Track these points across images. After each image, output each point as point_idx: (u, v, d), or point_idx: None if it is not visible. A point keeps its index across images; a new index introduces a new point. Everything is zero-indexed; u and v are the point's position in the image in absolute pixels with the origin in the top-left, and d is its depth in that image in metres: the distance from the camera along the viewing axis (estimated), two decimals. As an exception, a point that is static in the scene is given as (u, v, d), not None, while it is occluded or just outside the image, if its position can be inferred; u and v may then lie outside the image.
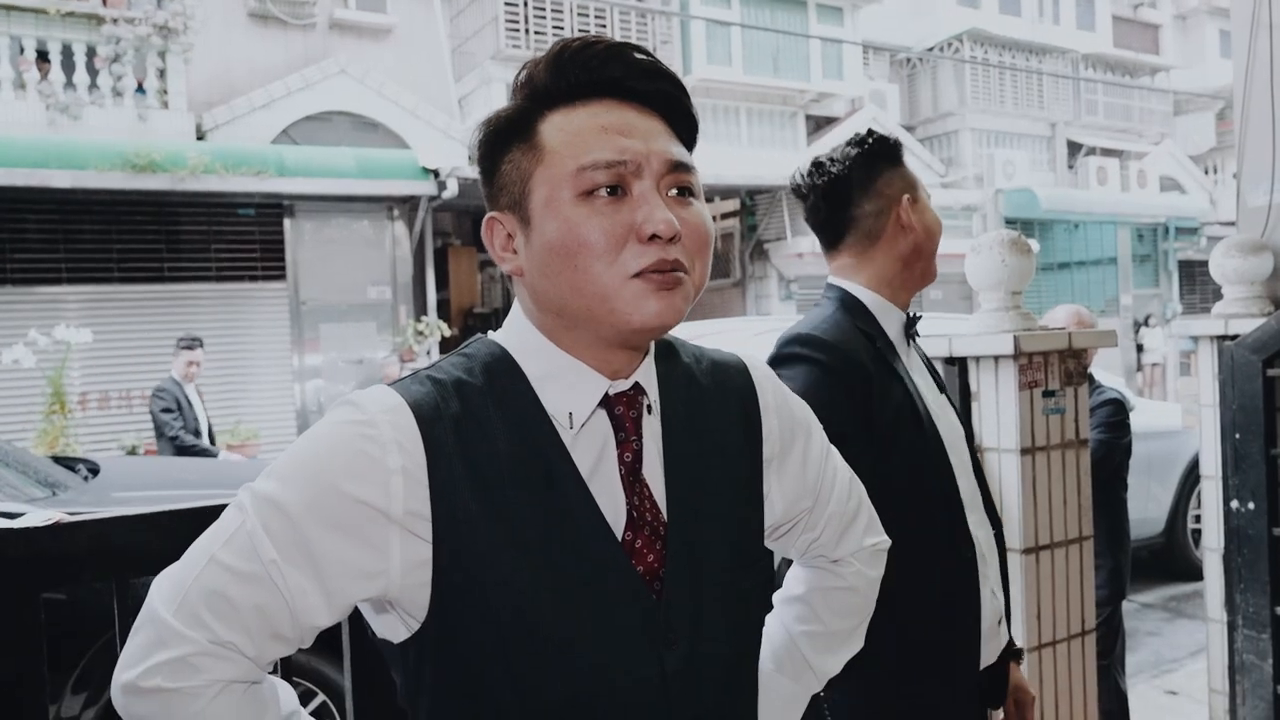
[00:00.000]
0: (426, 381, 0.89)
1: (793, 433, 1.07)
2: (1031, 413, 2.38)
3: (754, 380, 1.05)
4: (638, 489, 0.91)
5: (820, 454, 1.11)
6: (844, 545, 1.15)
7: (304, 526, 0.82)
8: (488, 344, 0.94)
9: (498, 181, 0.91)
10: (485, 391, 0.89)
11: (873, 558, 1.18)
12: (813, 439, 1.10)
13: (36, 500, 3.06)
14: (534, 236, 0.88)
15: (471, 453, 0.86)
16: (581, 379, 0.90)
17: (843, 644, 1.18)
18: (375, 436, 0.83)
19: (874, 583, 1.19)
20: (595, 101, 0.88)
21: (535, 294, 0.90)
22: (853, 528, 1.15)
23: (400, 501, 0.83)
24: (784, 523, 1.09)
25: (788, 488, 1.06)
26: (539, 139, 0.88)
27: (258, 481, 0.86)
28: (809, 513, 1.10)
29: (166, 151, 8.91)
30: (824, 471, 1.11)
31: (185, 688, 0.82)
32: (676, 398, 0.97)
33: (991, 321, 2.46)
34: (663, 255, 0.85)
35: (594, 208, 0.85)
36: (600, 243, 0.85)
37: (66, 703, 2.50)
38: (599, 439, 0.91)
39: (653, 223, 0.85)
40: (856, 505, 1.15)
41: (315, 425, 0.88)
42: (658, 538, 0.91)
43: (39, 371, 7.93)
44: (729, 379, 1.03)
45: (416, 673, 0.89)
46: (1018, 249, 2.40)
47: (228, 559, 0.83)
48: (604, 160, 0.85)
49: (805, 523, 1.11)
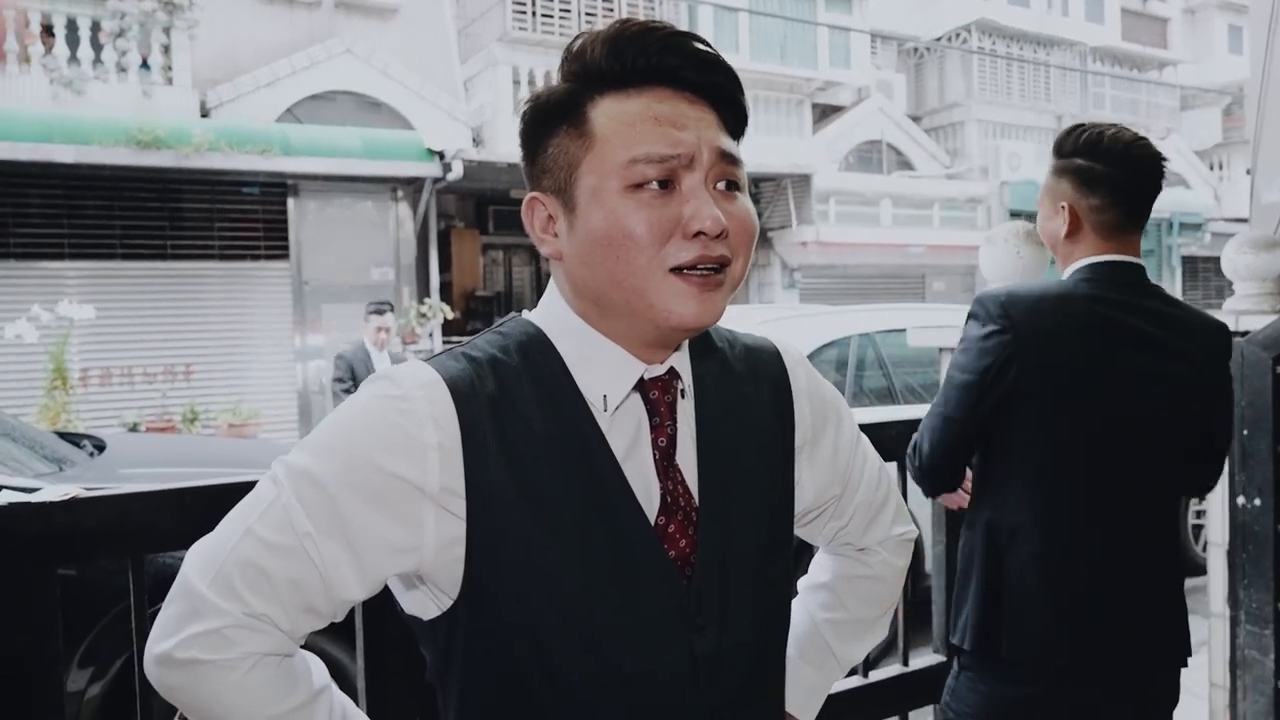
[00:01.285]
0: (462, 359, 0.89)
1: (824, 419, 1.07)
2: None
3: (786, 365, 1.05)
4: (671, 474, 0.91)
5: (851, 441, 1.11)
6: (871, 533, 1.15)
7: (339, 499, 0.82)
8: (522, 323, 0.94)
9: (542, 163, 0.90)
10: (520, 370, 0.89)
11: (899, 547, 1.18)
12: (843, 425, 1.10)
13: (44, 476, 3.06)
14: (577, 224, 0.87)
15: (507, 431, 0.86)
16: (617, 362, 0.90)
17: (867, 632, 1.19)
18: (411, 411, 0.84)
19: (900, 572, 1.19)
20: (649, 89, 0.87)
21: (574, 280, 0.90)
22: (881, 516, 1.15)
23: (435, 477, 0.83)
24: (813, 509, 1.09)
25: (818, 474, 1.07)
26: (589, 125, 0.87)
27: (291, 454, 0.86)
28: (837, 500, 1.11)
29: (170, 128, 8.89)
30: (854, 459, 1.11)
31: (220, 660, 0.82)
32: (710, 383, 0.98)
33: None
34: (706, 251, 0.85)
35: (641, 200, 0.84)
36: (645, 236, 0.84)
37: (73, 677, 2.51)
38: (633, 423, 0.91)
39: (700, 219, 0.84)
40: (885, 493, 1.16)
41: (349, 399, 0.88)
42: (690, 523, 0.91)
43: (41, 347, 7.92)
44: (762, 364, 1.03)
45: (446, 650, 0.90)
46: (1033, 241, 2.40)
47: (263, 531, 0.83)
48: (657, 154, 0.84)
49: (833, 510, 1.11)
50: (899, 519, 1.18)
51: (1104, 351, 1.62)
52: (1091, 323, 1.63)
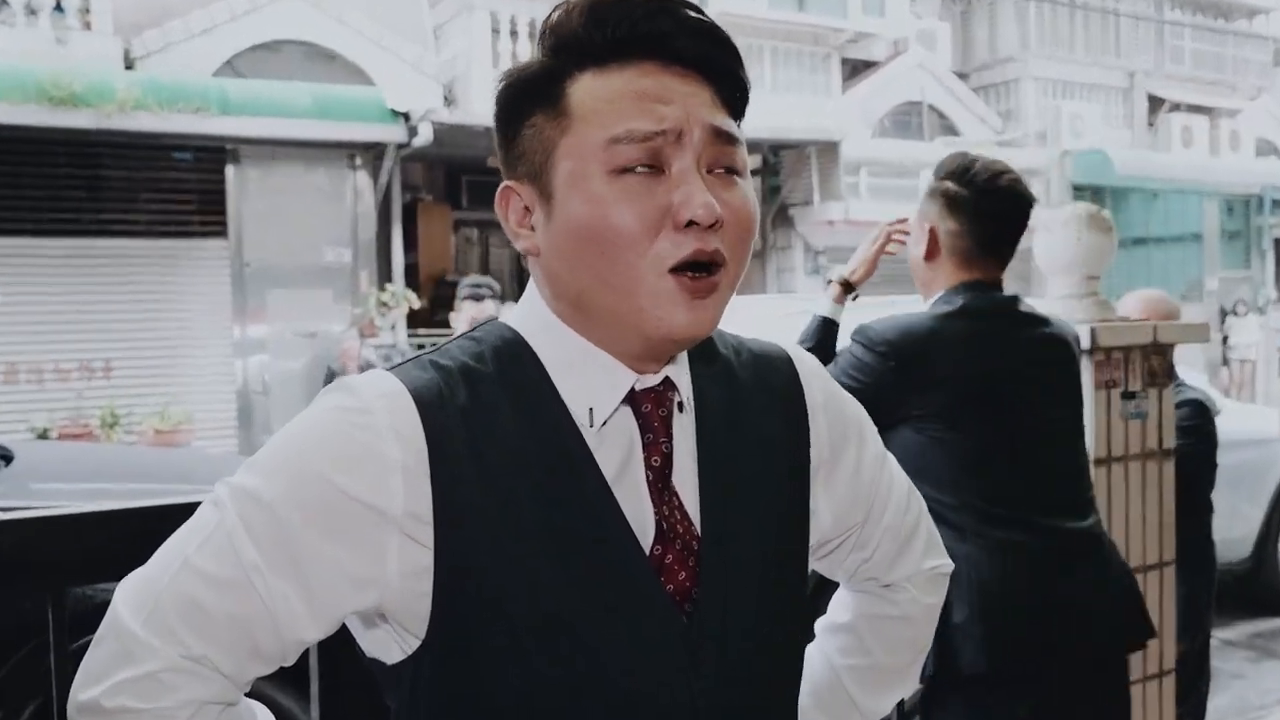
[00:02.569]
0: (429, 367, 0.91)
1: (844, 435, 1.09)
2: (1108, 417, 2.41)
3: (800, 375, 1.06)
4: (667, 498, 0.93)
5: (875, 460, 1.12)
6: (899, 567, 1.16)
7: (290, 525, 0.84)
8: (499, 327, 0.96)
9: (517, 147, 0.92)
10: (496, 380, 0.91)
11: (931, 582, 1.19)
12: (866, 443, 1.12)
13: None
14: (555, 215, 0.89)
15: (481, 448, 0.87)
16: (604, 371, 0.92)
17: (894, 682, 1.20)
18: (371, 425, 0.85)
19: (932, 611, 1.20)
20: (633, 64, 0.89)
21: (552, 279, 0.92)
22: (910, 547, 1.16)
23: (399, 500, 0.85)
24: (831, 539, 1.10)
25: (837, 499, 1.08)
26: (566, 104, 0.89)
27: (237, 475, 0.87)
28: (860, 528, 1.12)
29: (89, 82, 8.87)
30: (878, 480, 1.12)
31: (155, 709, 0.84)
32: (712, 394, 0.99)
33: (1063, 310, 2.48)
34: (700, 245, 0.87)
35: (626, 186, 0.86)
36: (633, 228, 0.86)
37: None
38: (623, 440, 0.93)
39: (690, 206, 0.86)
40: (915, 521, 1.17)
41: (302, 413, 0.90)
42: (690, 553, 0.92)
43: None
44: (772, 373, 1.05)
45: (412, 700, 0.91)
46: (1097, 225, 2.42)
47: (204, 563, 0.85)
48: (640, 131, 0.86)
49: (855, 539, 1.13)
50: (930, 550, 1.19)
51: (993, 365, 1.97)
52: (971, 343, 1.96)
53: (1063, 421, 2.02)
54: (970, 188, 1.99)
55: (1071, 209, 2.46)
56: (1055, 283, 2.53)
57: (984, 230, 2.00)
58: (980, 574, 1.86)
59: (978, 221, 1.99)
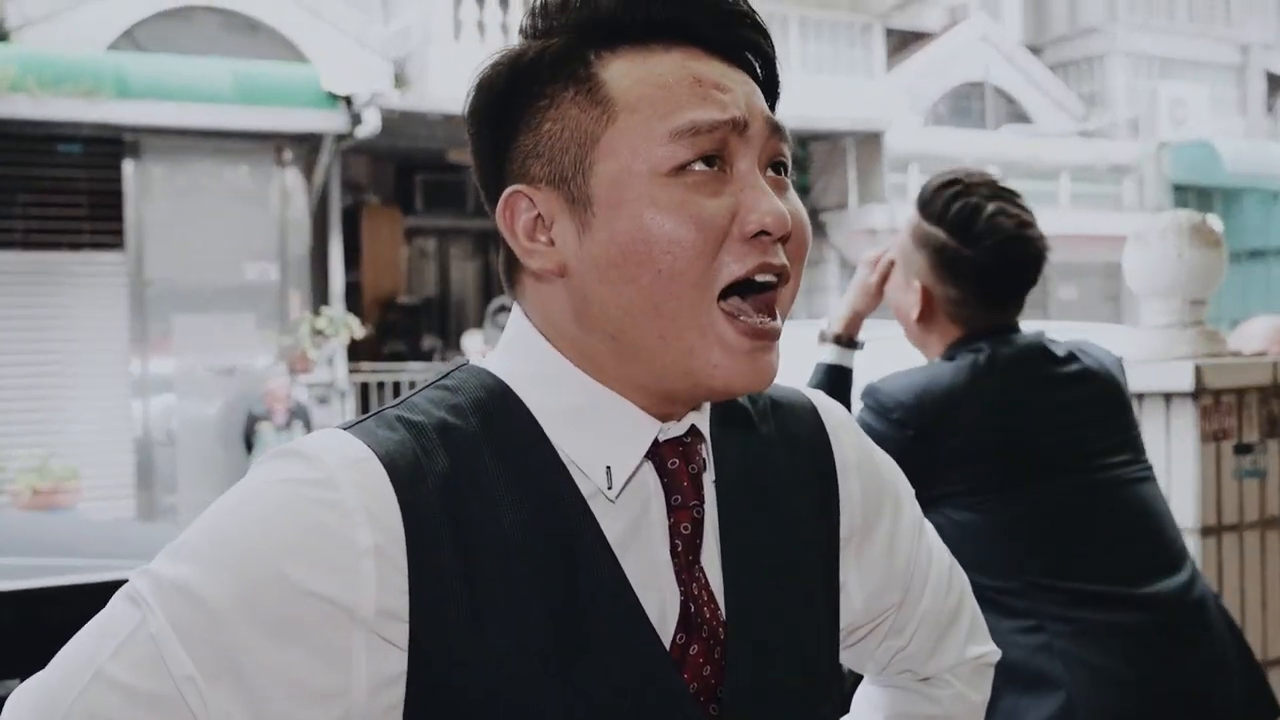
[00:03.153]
0: (398, 425, 0.91)
1: (879, 501, 1.10)
2: (1218, 476, 2.41)
3: (827, 428, 1.08)
4: (696, 574, 0.94)
5: (912, 531, 1.14)
6: (940, 657, 1.18)
7: (233, 629, 0.83)
8: (477, 373, 0.97)
9: (531, 144, 0.93)
10: (480, 439, 0.91)
11: (977, 674, 1.21)
12: (902, 508, 1.13)
13: None
14: (597, 225, 0.90)
15: (466, 528, 0.88)
16: (622, 421, 0.93)
17: None
18: (337, 504, 0.85)
19: (977, 711, 1.21)
20: (675, 47, 0.92)
21: (588, 305, 0.92)
22: (952, 633, 1.18)
23: (371, 594, 0.84)
24: (863, 623, 1.12)
25: (869, 576, 1.10)
26: (607, 90, 0.90)
27: (160, 562, 0.87)
28: (896, 610, 1.13)
29: (-46, 59, 8.93)
30: (916, 553, 1.14)
31: None
32: (732, 452, 1.00)
33: (1160, 342, 2.49)
34: (767, 259, 0.89)
35: (689, 188, 0.88)
36: (697, 240, 0.87)
37: None
38: (642, 505, 0.94)
39: (759, 213, 0.88)
40: (957, 602, 1.19)
41: (244, 483, 0.90)
42: (716, 642, 0.94)
43: None
44: (796, 425, 1.07)
45: None
46: (1202, 238, 2.43)
47: (121, 673, 0.84)
48: (706, 121, 0.88)
49: (890, 624, 1.14)
50: (975, 636, 1.21)
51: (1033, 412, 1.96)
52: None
53: (1124, 465, 2.01)
54: (975, 247, 1.95)
55: (1170, 218, 2.47)
56: (1151, 308, 2.54)
57: (992, 292, 1.99)
58: (1069, 669, 1.84)
59: (983, 285, 1.97)
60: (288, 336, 10.44)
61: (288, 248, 10.74)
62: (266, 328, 10.65)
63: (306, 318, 10.37)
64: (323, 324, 10.31)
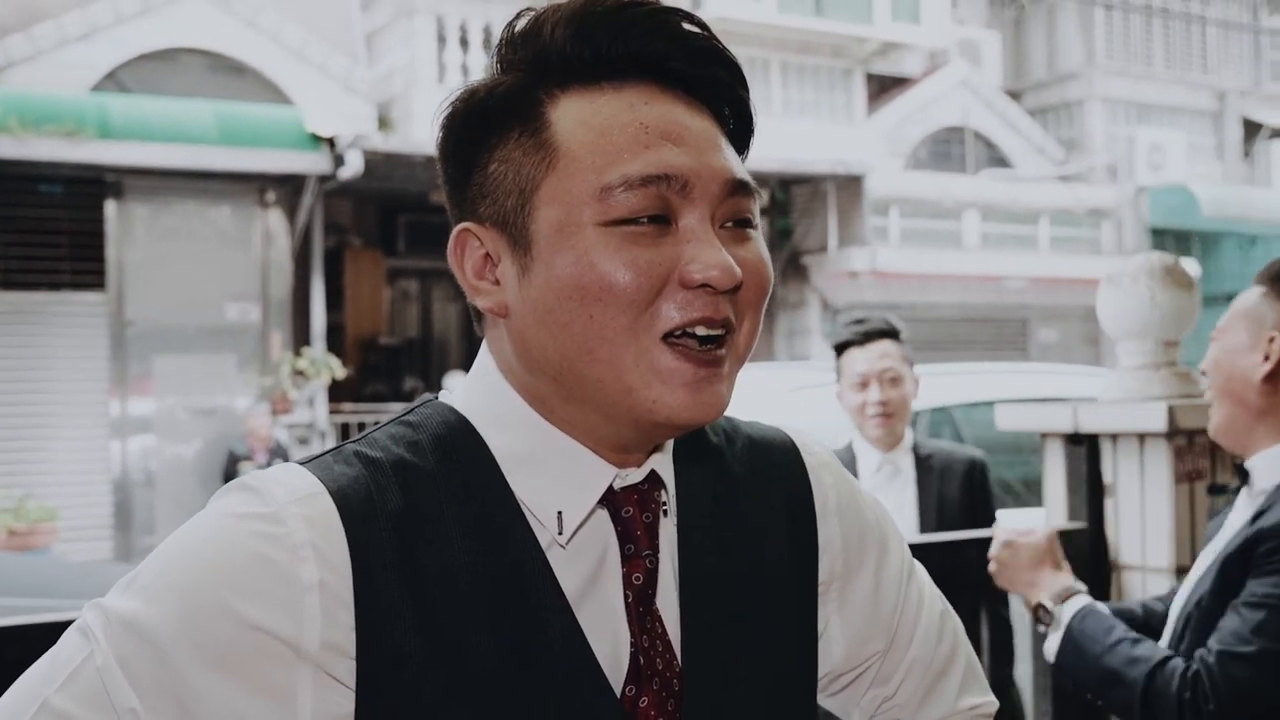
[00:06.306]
0: (354, 460, 0.91)
1: (861, 544, 1.09)
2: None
3: (807, 468, 1.08)
4: (649, 624, 0.94)
5: (898, 574, 1.13)
6: (930, 708, 1.16)
7: (177, 662, 0.84)
8: (440, 410, 0.97)
9: (477, 183, 0.94)
10: (437, 478, 0.91)
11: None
12: (889, 553, 1.12)
13: None
14: (536, 269, 0.90)
15: (417, 565, 0.88)
16: (577, 466, 0.93)
17: None
18: (284, 539, 0.85)
19: None
20: (628, 85, 0.91)
21: (526, 347, 0.92)
22: (944, 683, 1.16)
23: (315, 630, 0.85)
24: (844, 671, 1.11)
25: (852, 622, 1.09)
26: (550, 133, 0.90)
27: (111, 597, 0.87)
28: (881, 658, 1.12)
29: (-63, 99, 8.93)
30: (904, 599, 1.13)
31: None
32: (699, 493, 1.00)
33: (1134, 383, 2.50)
34: (709, 312, 0.88)
35: (626, 238, 0.87)
36: (630, 286, 0.87)
37: None
38: (595, 552, 0.93)
39: (704, 265, 0.87)
40: (950, 651, 1.17)
41: (194, 519, 0.90)
42: (669, 694, 0.93)
43: None
44: (773, 466, 1.06)
45: None
46: (1174, 280, 2.45)
47: (67, 705, 0.84)
48: (638, 176, 0.87)
49: (876, 672, 1.13)
50: (969, 686, 1.18)
51: None
52: None
53: None
54: None
55: (1143, 260, 2.49)
56: (1125, 349, 2.55)
57: None
58: None
59: None
60: (269, 377, 10.42)
61: (269, 288, 10.73)
62: (247, 368, 10.64)
63: (288, 358, 10.35)
64: (304, 365, 10.29)
